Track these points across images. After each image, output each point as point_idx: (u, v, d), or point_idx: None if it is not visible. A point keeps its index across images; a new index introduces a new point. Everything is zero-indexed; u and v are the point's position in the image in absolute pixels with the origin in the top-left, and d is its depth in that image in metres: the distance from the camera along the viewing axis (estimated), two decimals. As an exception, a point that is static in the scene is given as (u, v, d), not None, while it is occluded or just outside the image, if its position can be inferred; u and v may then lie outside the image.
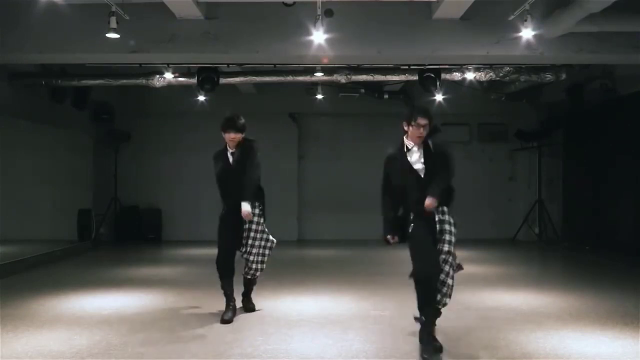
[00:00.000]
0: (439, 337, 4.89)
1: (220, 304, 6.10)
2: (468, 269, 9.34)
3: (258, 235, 6.05)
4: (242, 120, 5.92)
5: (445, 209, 4.87)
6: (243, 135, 5.95)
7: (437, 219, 4.83)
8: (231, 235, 5.97)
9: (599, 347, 4.96)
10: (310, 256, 11.58)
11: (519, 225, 13.54)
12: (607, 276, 8.78)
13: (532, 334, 5.36)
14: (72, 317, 6.04)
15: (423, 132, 4.84)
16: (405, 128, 4.93)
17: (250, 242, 6.01)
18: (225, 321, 5.74)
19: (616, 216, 11.18)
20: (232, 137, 5.88)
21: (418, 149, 4.91)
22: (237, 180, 5.88)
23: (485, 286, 7.82)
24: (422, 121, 4.81)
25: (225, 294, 5.99)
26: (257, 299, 6.58)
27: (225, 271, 6.00)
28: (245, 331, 5.43)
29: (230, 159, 5.98)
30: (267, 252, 6.18)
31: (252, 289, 6.33)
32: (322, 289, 7.55)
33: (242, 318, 5.89)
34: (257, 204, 6.03)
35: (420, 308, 4.82)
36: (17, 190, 9.61)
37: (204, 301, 6.71)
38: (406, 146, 4.93)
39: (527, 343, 5.07)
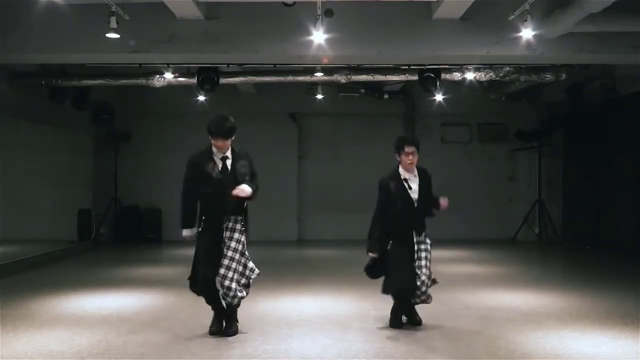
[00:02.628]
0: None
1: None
2: (468, 268, 9.42)
3: (237, 257, 5.20)
4: (230, 123, 5.18)
5: (424, 232, 5.54)
6: (231, 142, 5.24)
7: (415, 240, 5.47)
8: (211, 259, 5.16)
9: (599, 347, 4.96)
10: (310, 256, 11.57)
11: (519, 225, 13.54)
12: (607, 276, 8.78)
13: (532, 334, 5.37)
14: (72, 317, 6.05)
15: (412, 158, 5.45)
16: (397, 157, 5.53)
17: (226, 262, 5.16)
18: (213, 332, 5.29)
19: (616, 216, 11.18)
20: (219, 145, 5.18)
21: (414, 177, 5.52)
22: (224, 192, 5.09)
23: (485, 286, 7.82)
24: (409, 149, 5.42)
25: (213, 309, 5.41)
26: (257, 298, 6.58)
27: (209, 296, 5.30)
28: (245, 331, 5.42)
29: (220, 165, 5.23)
30: (248, 275, 5.32)
31: (234, 312, 5.40)
32: (322, 289, 7.55)
33: (242, 318, 5.87)
34: (239, 218, 5.26)
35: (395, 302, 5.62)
36: (17, 190, 9.60)
37: (204, 301, 6.69)
38: (404, 177, 5.51)
39: (527, 343, 5.07)
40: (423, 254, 5.48)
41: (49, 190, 10.67)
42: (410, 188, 5.49)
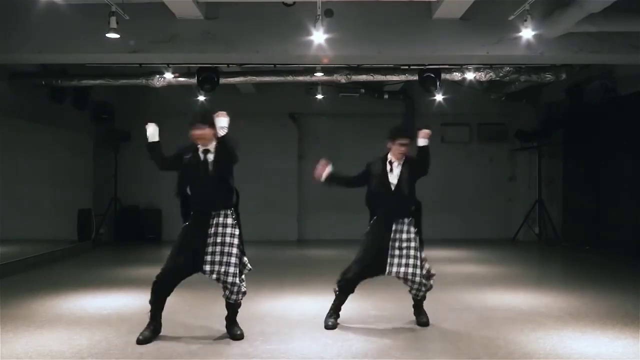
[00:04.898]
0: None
1: (220, 305, 6.11)
2: (468, 268, 9.41)
3: (234, 251, 5.00)
4: (208, 116, 5.11)
5: (405, 220, 5.50)
6: (213, 131, 5.05)
7: (394, 228, 5.47)
8: (189, 255, 5.03)
9: (599, 347, 4.97)
10: (310, 256, 11.57)
11: (519, 225, 13.53)
12: (607, 276, 8.77)
13: (532, 333, 5.37)
14: (72, 317, 6.05)
15: (404, 150, 5.53)
16: (389, 145, 5.59)
17: (225, 259, 4.99)
18: (140, 341, 4.96)
19: (616, 216, 11.18)
20: (197, 134, 5.13)
21: (398, 164, 5.56)
22: (211, 185, 5.10)
23: (485, 286, 7.82)
24: (403, 141, 5.51)
25: (151, 312, 5.15)
26: (257, 298, 6.58)
27: (162, 292, 5.12)
28: (245, 331, 5.42)
29: (202, 157, 5.17)
30: (241, 269, 5.15)
31: (236, 313, 5.29)
32: (322, 289, 7.52)
33: (242, 318, 5.87)
34: (230, 211, 5.10)
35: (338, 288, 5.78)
36: (17, 190, 9.60)
37: (203, 301, 6.70)
38: (389, 160, 5.59)
39: (527, 343, 5.07)
40: (404, 244, 5.41)
41: (49, 190, 10.66)
42: (391, 171, 5.55)
